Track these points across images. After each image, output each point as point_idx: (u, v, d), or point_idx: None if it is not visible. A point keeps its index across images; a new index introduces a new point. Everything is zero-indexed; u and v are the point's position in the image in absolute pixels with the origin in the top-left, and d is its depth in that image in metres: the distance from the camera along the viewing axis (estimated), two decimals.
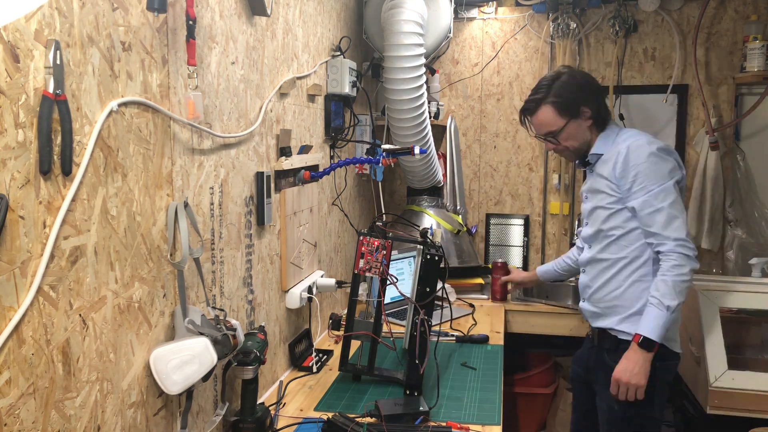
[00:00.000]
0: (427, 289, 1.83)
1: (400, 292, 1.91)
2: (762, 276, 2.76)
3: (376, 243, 1.88)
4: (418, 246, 1.93)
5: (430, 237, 1.92)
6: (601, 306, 1.96)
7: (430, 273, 1.83)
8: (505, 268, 2.89)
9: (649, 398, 1.83)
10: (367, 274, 1.89)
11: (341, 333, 1.96)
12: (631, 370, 1.79)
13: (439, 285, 2.77)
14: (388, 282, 1.88)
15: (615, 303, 1.92)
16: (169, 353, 1.25)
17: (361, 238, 1.88)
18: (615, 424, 1.90)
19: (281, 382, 1.96)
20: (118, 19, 1.12)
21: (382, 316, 1.91)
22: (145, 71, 1.21)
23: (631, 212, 1.87)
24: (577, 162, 2.08)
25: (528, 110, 2.02)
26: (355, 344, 2.08)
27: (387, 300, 2.53)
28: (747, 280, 2.60)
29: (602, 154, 1.95)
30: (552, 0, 3.25)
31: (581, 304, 2.08)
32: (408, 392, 1.81)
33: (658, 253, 1.83)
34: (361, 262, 1.89)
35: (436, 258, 1.83)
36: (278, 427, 1.67)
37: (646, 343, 1.77)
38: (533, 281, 2.61)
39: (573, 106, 1.94)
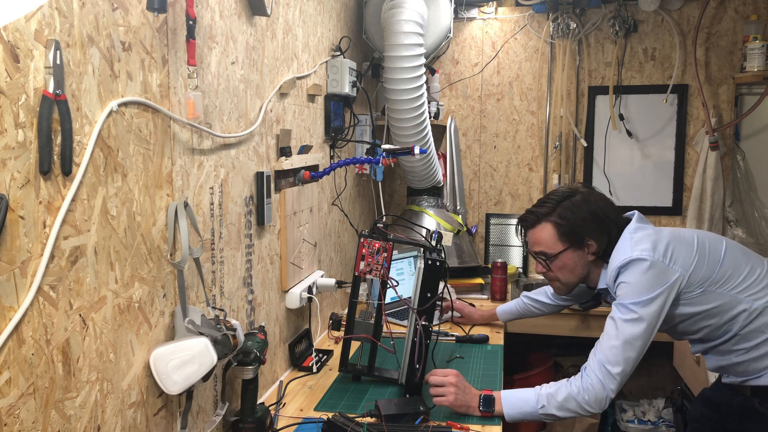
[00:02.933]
0: (428, 294, 1.82)
1: (400, 297, 1.91)
2: None
3: (376, 245, 1.88)
4: (421, 248, 1.92)
5: (438, 243, 1.90)
6: (747, 376, 1.68)
7: (431, 278, 1.83)
8: (504, 269, 2.89)
9: None
10: (368, 276, 1.89)
11: (341, 335, 1.96)
12: (457, 396, 1.68)
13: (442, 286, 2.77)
14: (388, 285, 1.88)
15: (760, 367, 1.64)
16: (169, 353, 1.25)
17: (362, 239, 1.88)
18: None
19: (281, 382, 1.96)
20: (118, 19, 1.12)
21: (383, 318, 1.91)
22: (145, 71, 1.21)
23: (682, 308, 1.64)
24: (580, 305, 1.93)
25: (525, 221, 1.80)
26: (355, 344, 2.08)
27: (387, 300, 2.54)
28: None
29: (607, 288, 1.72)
30: (552, 0, 3.25)
31: (725, 378, 1.79)
32: (407, 395, 1.81)
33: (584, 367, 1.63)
34: (362, 265, 1.89)
35: (438, 263, 1.83)
36: (278, 427, 1.67)
37: (487, 403, 1.67)
38: (491, 320, 2.49)
39: (577, 235, 1.71)
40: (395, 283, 1.85)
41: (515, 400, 1.66)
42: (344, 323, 1.97)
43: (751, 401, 1.70)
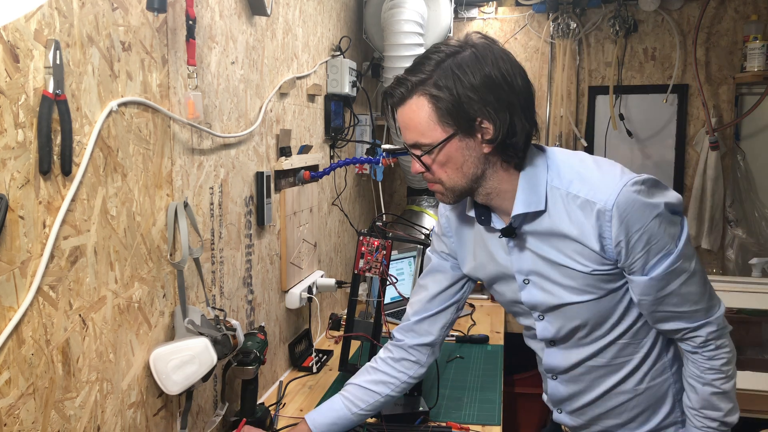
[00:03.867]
0: None
1: (399, 292, 1.91)
2: (762, 276, 2.76)
3: (375, 243, 1.88)
4: (419, 246, 1.92)
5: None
6: (603, 424, 1.32)
7: None
8: None
9: None
10: (367, 274, 1.89)
11: (340, 333, 1.96)
12: None
13: None
14: (388, 282, 1.88)
15: (624, 420, 1.30)
16: (169, 353, 1.25)
17: (361, 238, 1.88)
18: None
19: (281, 382, 1.96)
20: (118, 19, 1.12)
21: (382, 317, 1.91)
22: (144, 71, 1.21)
23: (626, 293, 1.20)
24: (480, 220, 1.25)
25: (392, 96, 1.15)
26: (355, 344, 2.08)
27: (387, 300, 2.54)
28: (747, 280, 2.60)
29: (539, 212, 1.16)
30: (552, 0, 3.25)
31: (554, 415, 1.40)
32: (405, 394, 1.81)
33: (683, 342, 1.23)
34: (361, 262, 1.89)
35: None
36: (278, 427, 1.67)
37: None
38: None
39: (464, 113, 1.09)
40: (394, 280, 1.85)
41: None
42: (344, 323, 1.97)
43: None
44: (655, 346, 1.26)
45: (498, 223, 1.23)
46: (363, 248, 1.88)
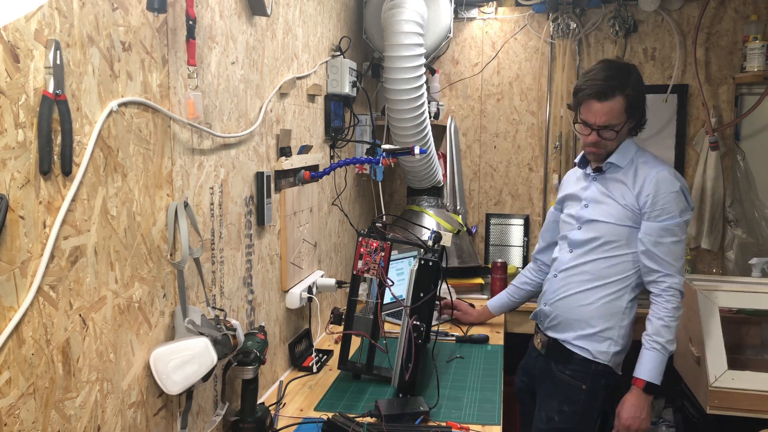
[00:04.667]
0: (421, 294, 1.81)
1: (393, 295, 1.92)
2: (762, 276, 2.76)
3: (374, 245, 1.88)
4: (420, 248, 1.92)
5: (436, 243, 1.90)
6: (563, 316, 1.94)
7: (425, 278, 1.82)
8: (504, 269, 2.89)
9: (589, 416, 1.90)
10: (366, 275, 1.89)
11: (340, 330, 1.96)
12: (639, 416, 1.82)
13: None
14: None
15: (579, 317, 1.91)
16: (169, 353, 1.25)
17: (360, 239, 1.88)
18: None
19: (281, 382, 1.96)
20: (118, 19, 1.12)
21: (379, 319, 1.91)
22: (145, 71, 1.21)
23: (634, 237, 1.86)
24: (580, 163, 2.00)
25: (602, 94, 1.81)
26: (355, 343, 2.08)
27: (386, 300, 2.54)
28: (747, 280, 2.60)
29: (619, 167, 1.88)
30: (552, 0, 3.25)
31: (539, 307, 2.05)
32: (401, 395, 1.81)
33: (651, 284, 1.85)
34: (360, 263, 1.89)
35: (430, 263, 1.82)
36: (278, 427, 1.67)
37: (650, 388, 1.81)
38: (486, 318, 2.50)
39: (640, 108, 1.86)
40: (391, 283, 1.85)
41: (657, 371, 1.82)
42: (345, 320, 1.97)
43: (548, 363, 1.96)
44: (628, 287, 1.89)
45: (589, 169, 1.98)
46: (362, 249, 1.88)
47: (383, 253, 1.87)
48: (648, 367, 1.81)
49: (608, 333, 1.88)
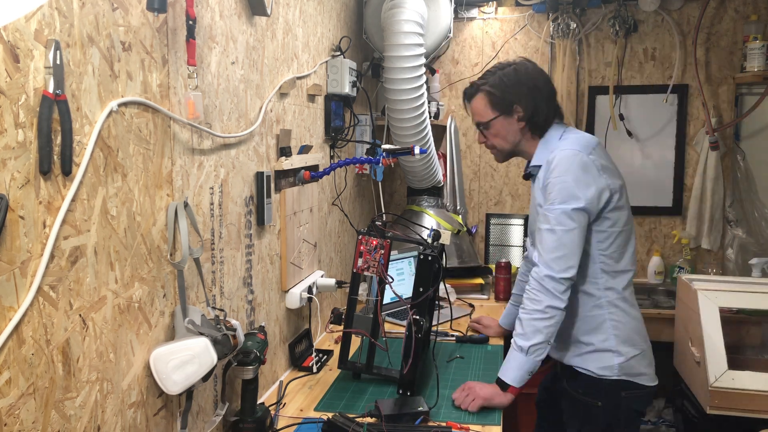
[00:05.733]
0: (420, 289, 1.82)
1: (394, 292, 1.92)
2: (762, 276, 2.76)
3: (374, 242, 1.88)
4: (420, 246, 1.93)
5: (435, 241, 1.91)
6: (559, 340, 1.81)
7: (424, 273, 1.83)
8: (508, 269, 2.89)
9: (613, 426, 1.75)
10: (366, 273, 1.89)
11: (341, 329, 1.96)
12: (481, 389, 1.75)
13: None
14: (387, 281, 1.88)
15: (570, 337, 1.79)
16: (169, 353, 1.25)
17: (360, 237, 1.89)
18: None
19: (281, 382, 1.96)
20: (118, 19, 1.12)
21: (379, 318, 1.91)
22: (145, 71, 1.21)
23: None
24: (524, 173, 1.94)
25: (465, 94, 1.90)
26: (355, 343, 2.08)
27: (387, 300, 2.54)
28: (747, 280, 2.60)
29: (540, 166, 1.79)
30: (552, 0, 3.25)
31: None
32: (401, 391, 1.81)
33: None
34: (360, 261, 1.89)
35: (430, 258, 1.83)
36: (278, 427, 1.67)
37: (503, 384, 1.73)
38: (505, 333, 2.35)
39: (505, 102, 1.78)
40: (391, 279, 1.85)
41: (511, 374, 1.73)
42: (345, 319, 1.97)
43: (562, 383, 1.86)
44: (599, 289, 1.74)
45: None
46: (362, 247, 1.88)
47: (383, 251, 1.87)
48: (505, 365, 1.74)
49: (605, 345, 1.73)
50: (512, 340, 1.72)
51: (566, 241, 1.65)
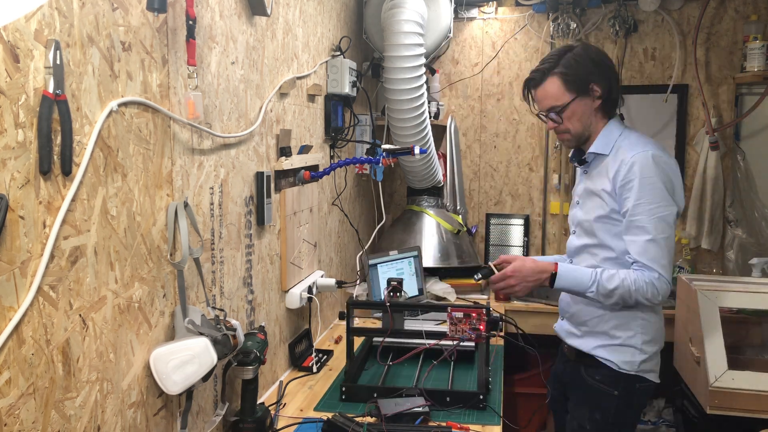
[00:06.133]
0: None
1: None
2: (762, 276, 2.76)
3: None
4: (418, 247, 1.92)
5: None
6: (582, 328, 1.83)
7: None
8: None
9: (622, 425, 1.79)
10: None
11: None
12: (531, 281, 1.74)
13: (439, 286, 2.75)
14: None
15: (597, 328, 1.79)
16: (169, 353, 1.25)
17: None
18: None
19: (281, 382, 1.96)
20: (118, 19, 1.12)
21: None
22: (145, 71, 1.21)
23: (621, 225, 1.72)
24: (571, 157, 1.93)
25: (533, 80, 1.81)
26: (356, 344, 2.08)
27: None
28: (747, 280, 2.60)
29: (603, 155, 1.77)
30: (552, 0, 3.25)
31: (559, 321, 1.97)
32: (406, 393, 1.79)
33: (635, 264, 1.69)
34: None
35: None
36: (278, 427, 1.67)
37: (553, 279, 1.72)
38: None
39: (583, 82, 1.75)
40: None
41: (569, 277, 1.73)
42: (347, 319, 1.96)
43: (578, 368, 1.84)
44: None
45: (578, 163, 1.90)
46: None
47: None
48: (574, 274, 1.72)
49: (631, 341, 1.75)
50: (601, 278, 1.68)
51: (670, 247, 1.68)
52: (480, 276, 1.84)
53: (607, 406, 1.77)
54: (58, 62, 0.95)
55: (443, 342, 1.84)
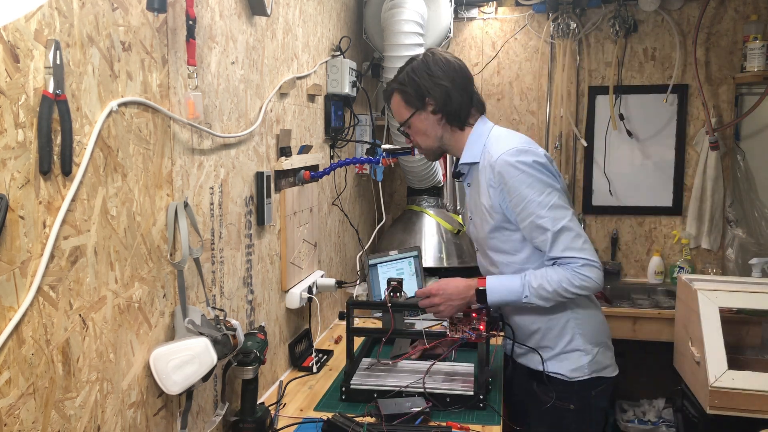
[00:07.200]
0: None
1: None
2: (762, 276, 2.76)
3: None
4: (419, 247, 1.92)
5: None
6: (524, 347, 1.77)
7: None
8: None
9: (584, 429, 1.75)
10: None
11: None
12: (456, 300, 1.66)
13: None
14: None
15: (537, 342, 1.74)
16: (169, 353, 1.25)
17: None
18: None
19: (281, 382, 1.96)
20: (118, 19, 1.12)
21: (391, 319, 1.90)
22: (145, 71, 1.21)
23: (518, 233, 1.66)
24: (452, 171, 1.89)
25: (385, 94, 1.80)
26: (356, 343, 2.08)
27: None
28: (747, 280, 2.60)
29: (474, 163, 1.71)
30: (552, 0, 3.25)
31: (504, 341, 1.89)
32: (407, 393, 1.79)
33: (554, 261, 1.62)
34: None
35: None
36: (278, 427, 1.67)
37: (482, 296, 1.64)
38: None
39: (419, 96, 1.68)
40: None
41: (500, 288, 1.65)
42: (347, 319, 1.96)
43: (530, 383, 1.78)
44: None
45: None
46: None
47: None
48: (503, 285, 1.64)
49: (571, 345, 1.71)
50: (527, 282, 1.61)
51: (576, 227, 1.60)
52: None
53: (566, 423, 1.73)
54: (58, 62, 0.95)
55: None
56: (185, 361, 1.25)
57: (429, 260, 2.93)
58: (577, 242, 1.59)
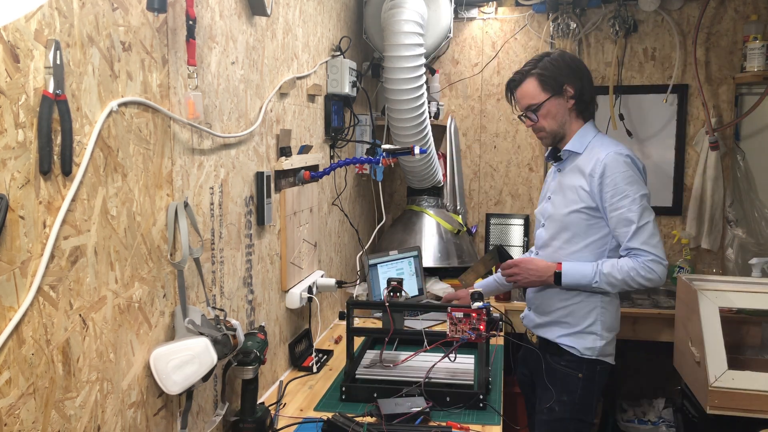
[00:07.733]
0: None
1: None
2: (762, 276, 2.76)
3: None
4: (419, 247, 1.92)
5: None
6: (546, 318, 1.98)
7: None
8: None
9: (588, 404, 1.93)
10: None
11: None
12: (533, 277, 1.92)
13: (439, 286, 2.76)
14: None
15: (560, 317, 1.94)
16: (169, 353, 1.25)
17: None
18: (552, 425, 1.95)
19: (281, 382, 1.96)
20: (118, 19, 1.12)
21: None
22: (145, 71, 1.21)
23: (595, 223, 1.87)
24: (546, 155, 2.05)
25: (513, 82, 1.99)
26: (357, 343, 2.08)
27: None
28: (747, 280, 2.60)
29: (577, 153, 1.93)
30: (552, 0, 3.25)
31: (524, 313, 2.12)
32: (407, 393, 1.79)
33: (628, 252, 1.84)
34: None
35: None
36: (278, 427, 1.67)
37: (558, 277, 1.88)
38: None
39: (557, 83, 1.91)
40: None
41: (574, 273, 1.88)
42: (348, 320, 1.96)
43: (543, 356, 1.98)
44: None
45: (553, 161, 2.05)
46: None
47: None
48: (576, 270, 1.87)
49: (591, 328, 1.91)
50: (602, 269, 1.83)
51: (656, 229, 1.84)
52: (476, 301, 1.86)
53: (573, 388, 1.92)
54: (58, 62, 0.95)
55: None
56: (185, 361, 1.25)
57: (429, 260, 2.93)
58: (653, 240, 1.81)
